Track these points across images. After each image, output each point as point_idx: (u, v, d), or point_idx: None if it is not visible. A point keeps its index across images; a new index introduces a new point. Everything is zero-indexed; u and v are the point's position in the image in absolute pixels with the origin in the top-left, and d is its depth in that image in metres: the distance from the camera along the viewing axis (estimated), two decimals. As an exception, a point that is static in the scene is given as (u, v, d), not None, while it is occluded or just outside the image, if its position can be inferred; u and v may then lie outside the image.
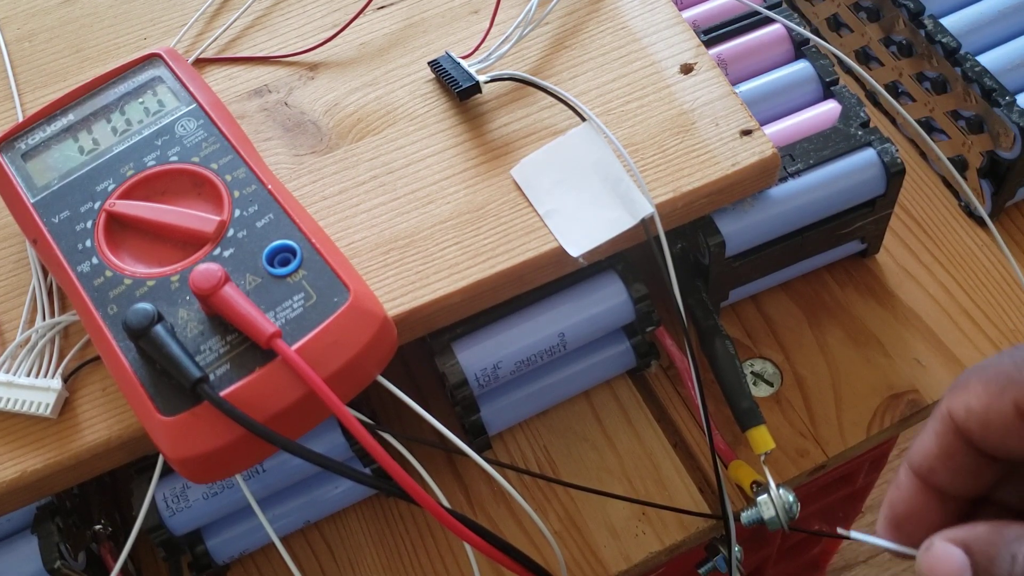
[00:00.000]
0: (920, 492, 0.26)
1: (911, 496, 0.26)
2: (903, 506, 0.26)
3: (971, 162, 0.50)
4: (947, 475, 0.26)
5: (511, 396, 0.46)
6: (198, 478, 0.35)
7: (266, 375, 0.34)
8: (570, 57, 0.46)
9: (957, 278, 0.50)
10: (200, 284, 0.34)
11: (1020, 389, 0.23)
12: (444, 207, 0.42)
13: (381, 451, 0.33)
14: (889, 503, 0.27)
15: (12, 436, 0.39)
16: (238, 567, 0.46)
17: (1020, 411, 0.23)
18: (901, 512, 0.26)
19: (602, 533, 0.45)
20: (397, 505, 0.47)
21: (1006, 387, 0.24)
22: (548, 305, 0.44)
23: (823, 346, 0.49)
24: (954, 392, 0.25)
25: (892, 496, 0.27)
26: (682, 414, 0.48)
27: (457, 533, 0.34)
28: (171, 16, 0.50)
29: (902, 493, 0.26)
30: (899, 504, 0.26)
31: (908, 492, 0.26)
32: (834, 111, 0.47)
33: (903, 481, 0.27)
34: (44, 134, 0.41)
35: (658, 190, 0.42)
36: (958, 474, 0.25)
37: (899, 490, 0.27)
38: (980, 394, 0.24)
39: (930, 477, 0.26)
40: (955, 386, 0.25)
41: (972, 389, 0.24)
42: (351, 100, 0.46)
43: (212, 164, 0.39)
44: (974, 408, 0.24)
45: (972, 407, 0.24)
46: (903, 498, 0.26)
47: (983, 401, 0.24)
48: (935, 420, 0.26)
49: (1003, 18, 0.50)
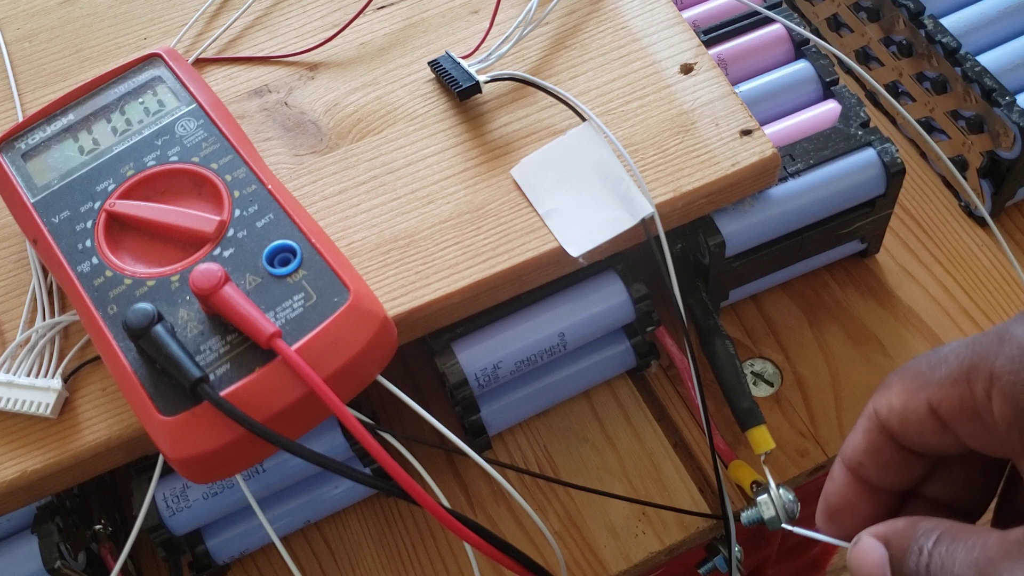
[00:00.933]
0: (852, 485, 0.27)
1: (844, 489, 0.27)
2: (837, 498, 0.27)
3: (971, 162, 0.50)
4: (875, 469, 0.27)
5: (511, 396, 0.46)
6: (198, 478, 0.35)
7: (266, 375, 0.34)
8: (570, 57, 0.46)
9: (957, 278, 0.50)
10: (200, 284, 0.34)
11: (932, 388, 0.24)
12: (444, 207, 0.42)
13: (381, 451, 0.33)
14: (825, 496, 0.28)
15: (12, 436, 0.39)
16: (238, 567, 0.46)
17: (932, 409, 0.24)
18: (835, 504, 0.28)
19: (602, 533, 0.45)
20: (397, 505, 0.47)
21: (920, 386, 0.25)
22: (548, 305, 0.44)
23: (823, 346, 0.49)
24: (879, 391, 0.26)
25: (827, 489, 0.28)
26: (682, 414, 0.48)
27: (457, 533, 0.34)
28: (171, 16, 0.50)
29: (836, 486, 0.28)
30: (833, 496, 0.28)
31: (841, 485, 0.27)
32: (834, 111, 0.47)
33: (836, 475, 0.28)
34: (44, 134, 0.41)
35: (658, 190, 0.42)
36: (885, 469, 0.27)
37: (833, 483, 0.28)
38: (899, 393, 0.25)
39: (860, 471, 0.27)
40: (880, 386, 0.26)
41: (893, 389, 0.26)
42: (351, 100, 0.46)
43: (212, 164, 0.39)
44: (894, 406, 0.25)
45: (892, 405, 0.26)
46: (837, 491, 0.27)
47: (901, 399, 0.25)
48: (863, 418, 0.27)
49: (1003, 18, 0.50)
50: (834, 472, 0.28)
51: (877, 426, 0.26)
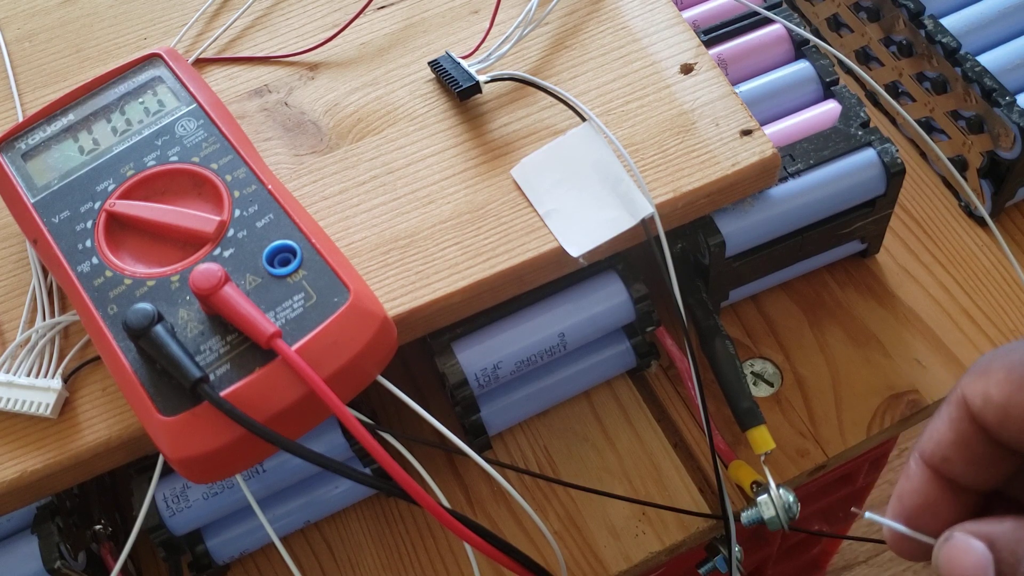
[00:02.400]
0: (932, 483, 0.24)
1: (922, 487, 0.24)
2: (914, 498, 0.24)
3: (971, 162, 0.50)
4: (961, 465, 0.24)
5: (511, 396, 0.46)
6: (198, 478, 0.35)
7: (266, 375, 0.34)
8: (570, 57, 0.46)
9: (957, 278, 0.50)
10: (200, 284, 0.34)
11: None
12: (444, 207, 0.42)
13: (381, 451, 0.33)
14: (898, 495, 0.25)
15: (12, 436, 0.39)
16: (238, 567, 0.46)
17: None
18: (911, 505, 0.25)
19: (602, 533, 0.45)
20: (397, 505, 0.47)
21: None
22: (548, 305, 0.44)
23: (823, 346, 0.49)
24: (973, 377, 0.23)
25: (902, 488, 0.25)
26: (682, 414, 0.48)
27: (457, 533, 0.34)
28: (171, 16, 0.50)
29: (913, 484, 0.25)
30: (909, 496, 0.25)
31: (919, 483, 0.24)
32: (834, 111, 0.47)
33: (914, 472, 0.25)
34: (44, 134, 0.41)
35: (658, 190, 0.42)
36: (973, 465, 0.24)
37: (909, 481, 0.25)
38: (1001, 382, 0.22)
39: (943, 467, 0.24)
40: (974, 371, 0.23)
41: (993, 376, 0.23)
42: (351, 100, 0.46)
43: (212, 164, 0.39)
44: (993, 397, 0.22)
45: (991, 396, 0.22)
46: (914, 489, 0.25)
47: (1004, 391, 0.22)
48: (950, 406, 0.24)
49: (1003, 18, 0.50)
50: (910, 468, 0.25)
51: (968, 417, 0.23)
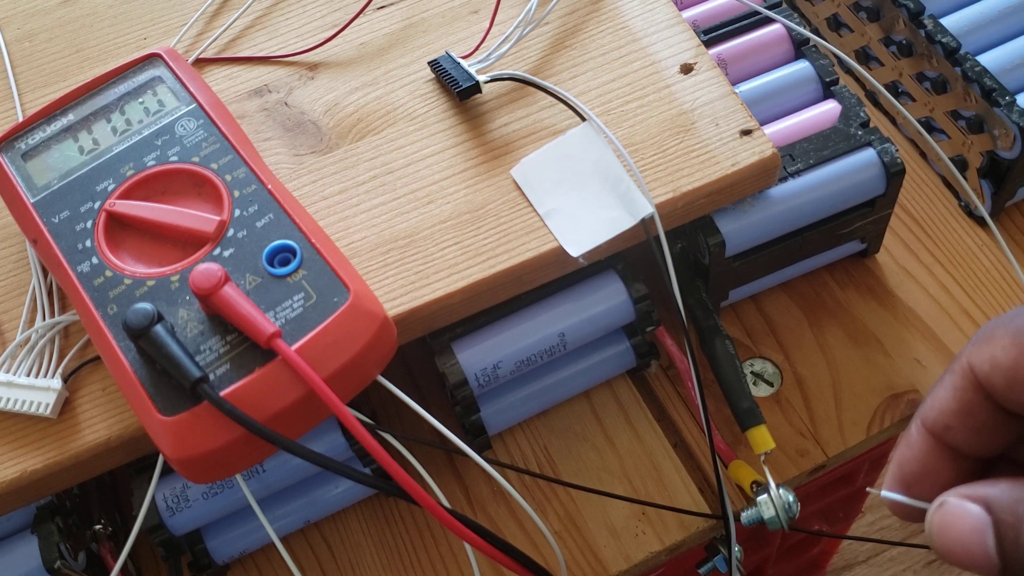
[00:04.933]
0: (933, 451, 0.24)
1: (923, 455, 0.24)
2: (914, 465, 0.24)
3: (971, 162, 0.50)
4: (965, 433, 0.24)
5: (511, 396, 0.46)
6: (198, 478, 0.35)
7: (266, 375, 0.34)
8: (570, 57, 0.46)
9: (957, 278, 0.50)
10: (200, 284, 0.34)
11: None
12: (444, 207, 0.42)
13: (381, 451, 0.33)
14: (898, 462, 0.25)
15: (12, 436, 0.39)
16: (238, 567, 0.46)
17: None
18: (911, 472, 0.24)
19: (602, 533, 0.45)
20: (397, 505, 0.47)
21: None
22: (548, 305, 0.44)
23: (823, 346, 0.49)
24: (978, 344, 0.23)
25: (902, 455, 0.25)
26: (682, 414, 0.48)
27: (457, 533, 0.34)
28: (171, 16, 0.50)
29: (913, 452, 0.24)
30: (909, 463, 0.24)
31: (920, 451, 0.24)
32: (834, 111, 0.47)
33: (915, 439, 0.24)
34: (44, 134, 0.41)
35: (658, 190, 0.42)
36: (977, 432, 0.23)
37: (910, 449, 0.24)
38: (1007, 347, 0.22)
39: (945, 435, 0.24)
40: (978, 338, 0.23)
41: (998, 341, 0.22)
42: (351, 100, 0.46)
43: (212, 164, 0.39)
44: (1000, 362, 0.22)
45: (998, 361, 0.22)
46: (915, 457, 0.24)
47: (1011, 354, 0.22)
48: (953, 374, 0.24)
49: (1003, 18, 0.50)
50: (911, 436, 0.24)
51: (973, 384, 0.23)
